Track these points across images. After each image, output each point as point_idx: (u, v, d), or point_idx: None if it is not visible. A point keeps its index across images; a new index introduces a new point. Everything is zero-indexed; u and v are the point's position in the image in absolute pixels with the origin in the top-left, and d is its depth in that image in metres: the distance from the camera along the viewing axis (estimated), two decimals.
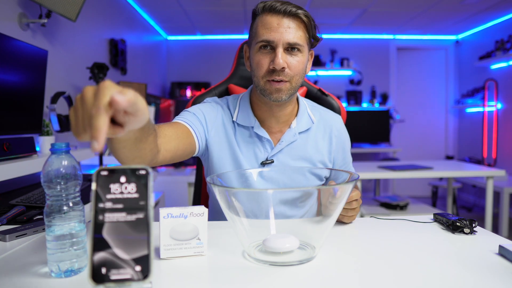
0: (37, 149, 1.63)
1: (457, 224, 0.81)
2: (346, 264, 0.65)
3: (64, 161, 0.60)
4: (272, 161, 1.01)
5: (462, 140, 5.09)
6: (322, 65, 4.83)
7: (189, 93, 4.75)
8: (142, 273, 0.41)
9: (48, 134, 1.69)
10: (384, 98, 4.98)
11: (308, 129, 1.05)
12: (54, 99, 1.70)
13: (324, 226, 0.67)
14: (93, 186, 0.42)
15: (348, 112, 3.91)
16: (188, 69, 4.99)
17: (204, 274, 0.62)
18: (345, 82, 5.08)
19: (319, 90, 1.26)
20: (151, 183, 0.44)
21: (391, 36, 5.04)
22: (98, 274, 0.40)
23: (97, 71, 2.17)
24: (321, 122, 1.08)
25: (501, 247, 0.68)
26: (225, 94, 1.25)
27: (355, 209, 0.88)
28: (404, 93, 5.20)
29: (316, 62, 4.76)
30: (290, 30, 0.90)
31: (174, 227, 0.66)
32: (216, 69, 4.89)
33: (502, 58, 4.01)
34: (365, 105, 5.02)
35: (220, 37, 4.95)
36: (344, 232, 0.85)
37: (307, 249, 0.68)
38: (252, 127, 1.01)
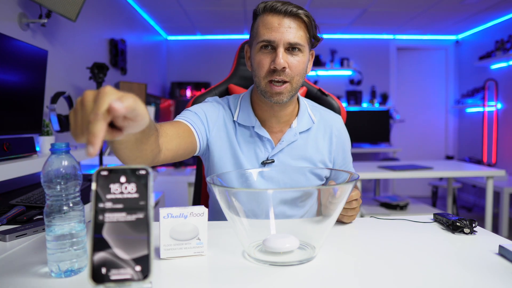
0: (37, 149, 1.63)
1: (457, 224, 0.81)
2: (346, 264, 0.65)
3: (64, 161, 0.60)
4: (273, 161, 1.01)
5: (462, 140, 5.09)
6: (322, 65, 4.83)
7: (189, 93, 4.75)
8: (142, 273, 0.41)
9: (48, 134, 1.69)
10: (384, 98, 4.98)
11: (309, 129, 1.05)
12: (54, 99, 1.70)
13: (324, 226, 0.67)
14: (93, 186, 0.42)
15: (348, 112, 3.91)
16: (188, 69, 4.98)
17: (204, 274, 0.62)
18: (345, 82, 5.08)
19: (319, 90, 1.26)
20: (151, 183, 0.44)
21: (391, 36, 5.04)
22: (98, 274, 0.40)
23: (97, 71, 2.17)
24: (322, 122, 1.08)
25: (501, 247, 0.68)
26: (225, 94, 1.25)
27: (355, 209, 0.88)
28: (404, 93, 5.20)
29: (316, 62, 4.76)
30: (291, 30, 0.90)
31: (174, 227, 0.66)
32: (216, 69, 4.88)
33: (502, 58, 4.01)
34: (365, 105, 5.02)
35: (220, 37, 4.95)
36: (344, 232, 0.85)
37: (307, 249, 0.68)
38: (253, 127, 1.01)
